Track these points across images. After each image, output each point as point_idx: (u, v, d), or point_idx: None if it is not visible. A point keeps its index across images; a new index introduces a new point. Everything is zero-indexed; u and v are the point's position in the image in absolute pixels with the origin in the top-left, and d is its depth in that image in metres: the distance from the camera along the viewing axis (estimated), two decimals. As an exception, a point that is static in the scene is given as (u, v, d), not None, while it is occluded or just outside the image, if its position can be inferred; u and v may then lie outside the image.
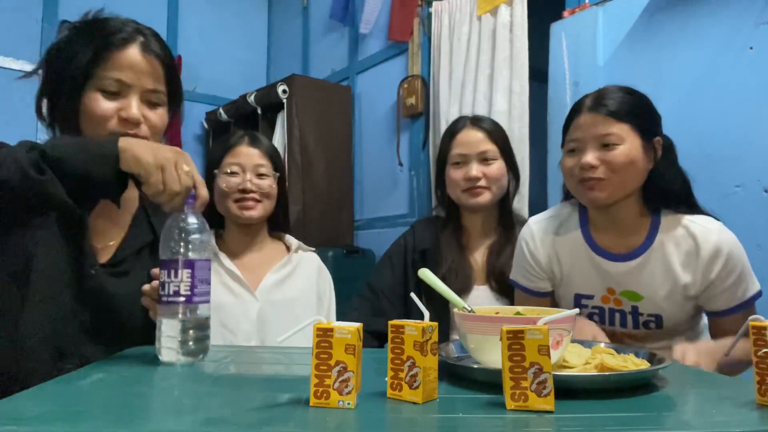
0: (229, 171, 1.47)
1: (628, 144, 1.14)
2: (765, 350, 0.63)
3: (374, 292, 1.54)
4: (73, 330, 0.99)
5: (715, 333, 1.24)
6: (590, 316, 1.27)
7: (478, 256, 1.53)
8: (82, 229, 1.00)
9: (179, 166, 0.86)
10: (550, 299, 1.33)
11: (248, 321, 1.43)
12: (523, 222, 1.52)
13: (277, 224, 1.60)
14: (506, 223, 1.54)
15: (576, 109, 1.21)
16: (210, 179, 1.49)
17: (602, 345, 0.91)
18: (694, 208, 1.23)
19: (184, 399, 0.69)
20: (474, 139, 1.49)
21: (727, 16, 1.74)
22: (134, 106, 1.01)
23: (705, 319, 1.29)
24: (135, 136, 1.00)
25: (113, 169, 0.86)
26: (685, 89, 1.81)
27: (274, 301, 1.47)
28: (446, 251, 1.50)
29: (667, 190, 1.20)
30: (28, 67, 1.12)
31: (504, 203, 1.55)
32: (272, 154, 1.54)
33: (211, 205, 1.48)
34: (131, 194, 1.12)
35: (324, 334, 0.63)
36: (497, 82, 2.50)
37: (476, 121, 1.53)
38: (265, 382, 0.84)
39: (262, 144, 1.53)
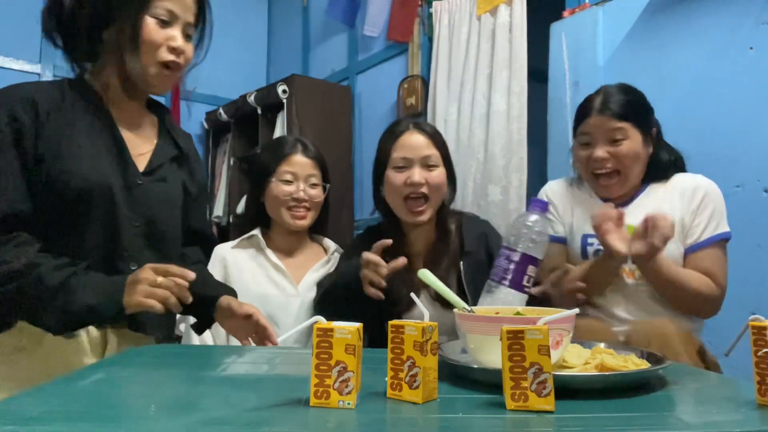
0: (283, 179, 1.57)
1: (632, 139, 1.35)
2: (765, 350, 0.63)
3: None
4: (129, 236, 1.09)
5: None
6: (596, 254, 1.40)
7: (419, 265, 1.45)
8: (119, 144, 1.11)
9: (153, 283, 1.00)
10: (565, 247, 1.48)
11: (290, 314, 1.53)
12: (459, 216, 1.55)
13: (317, 228, 1.71)
14: (441, 232, 1.48)
15: (586, 110, 1.40)
16: (262, 183, 1.60)
17: (602, 345, 0.91)
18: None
19: (184, 399, 0.69)
20: (417, 143, 1.44)
21: (727, 16, 1.74)
22: (179, 37, 1.12)
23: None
24: (175, 64, 1.12)
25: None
26: (685, 89, 1.81)
27: (313, 298, 1.55)
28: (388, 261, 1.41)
29: (660, 165, 1.42)
30: (28, 67, 1.17)
31: (440, 212, 1.49)
32: (322, 164, 1.65)
33: (261, 205, 1.63)
34: (152, 118, 1.24)
35: (324, 334, 0.63)
36: (496, 82, 2.50)
37: (418, 125, 1.48)
38: (265, 382, 0.84)
39: (313, 153, 1.64)
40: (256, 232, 1.64)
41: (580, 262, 1.43)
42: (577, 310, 0.78)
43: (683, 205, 1.36)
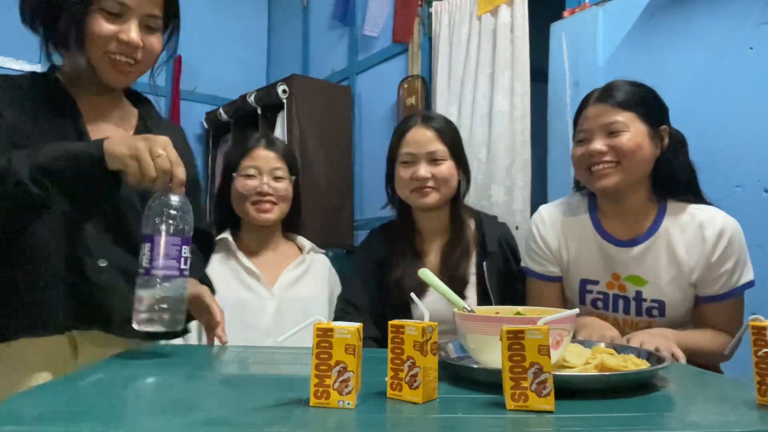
0: (246, 174, 1.53)
1: (633, 130, 1.19)
2: (765, 350, 0.63)
3: (354, 306, 1.50)
4: (95, 233, 1.03)
5: (698, 320, 1.26)
6: (594, 303, 1.30)
7: (433, 258, 1.51)
8: (84, 140, 1.04)
9: (153, 152, 0.89)
10: (561, 285, 1.37)
11: (266, 317, 1.49)
12: (477, 214, 1.55)
13: (290, 225, 1.67)
14: (456, 223, 1.51)
15: (584, 102, 1.27)
16: (228, 182, 1.57)
17: (602, 345, 0.91)
18: (699, 198, 1.27)
19: (184, 399, 0.69)
20: (423, 138, 1.46)
21: (727, 16, 1.74)
22: (133, 30, 1.04)
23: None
24: (133, 59, 1.05)
25: (104, 171, 0.91)
26: (685, 89, 1.81)
27: (289, 299, 1.52)
28: (398, 258, 1.48)
29: (675, 180, 1.25)
30: (28, 68, 1.15)
31: (455, 203, 1.52)
32: (288, 157, 1.60)
33: (229, 205, 1.58)
34: (131, 111, 1.18)
35: (324, 334, 0.63)
36: (498, 83, 2.49)
37: (427, 120, 1.49)
38: (265, 382, 0.84)
39: (278, 147, 1.59)
40: (226, 234, 1.58)
41: (577, 305, 1.33)
42: (576, 310, 0.78)
43: (703, 252, 1.20)
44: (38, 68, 1.20)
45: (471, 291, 1.45)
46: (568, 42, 2.13)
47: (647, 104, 1.22)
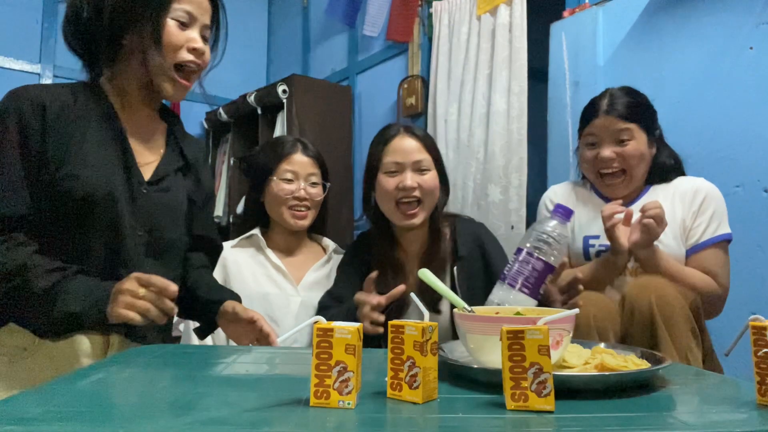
0: (284, 178, 1.58)
1: (637, 139, 1.40)
2: (765, 350, 0.63)
3: (339, 300, 1.47)
4: (134, 244, 1.09)
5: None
6: (598, 255, 1.44)
7: (411, 269, 1.47)
8: (127, 153, 1.11)
9: (136, 294, 0.99)
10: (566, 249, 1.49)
11: (290, 313, 1.54)
12: (453, 220, 1.53)
13: (315, 227, 1.72)
14: (434, 236, 1.47)
15: (593, 111, 1.44)
16: (263, 184, 1.61)
17: (602, 345, 0.91)
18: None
19: (184, 399, 0.69)
20: (409, 147, 1.42)
21: (727, 16, 1.74)
22: (199, 39, 1.13)
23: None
24: (197, 64, 1.13)
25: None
26: (685, 89, 1.81)
27: (313, 297, 1.55)
28: (380, 269, 1.41)
29: (664, 169, 1.46)
30: (28, 67, 1.17)
31: (433, 216, 1.47)
32: (321, 163, 1.66)
33: (261, 204, 1.64)
34: (161, 125, 1.24)
35: (324, 334, 0.63)
36: (496, 82, 2.49)
37: (409, 130, 1.47)
38: (265, 382, 0.84)
39: (313, 152, 1.65)
40: (256, 231, 1.64)
41: (582, 264, 1.43)
42: (577, 310, 0.78)
43: (684, 206, 1.38)
44: (38, 68, 1.22)
45: (445, 303, 1.42)
46: (568, 42, 2.13)
47: (645, 116, 1.43)
